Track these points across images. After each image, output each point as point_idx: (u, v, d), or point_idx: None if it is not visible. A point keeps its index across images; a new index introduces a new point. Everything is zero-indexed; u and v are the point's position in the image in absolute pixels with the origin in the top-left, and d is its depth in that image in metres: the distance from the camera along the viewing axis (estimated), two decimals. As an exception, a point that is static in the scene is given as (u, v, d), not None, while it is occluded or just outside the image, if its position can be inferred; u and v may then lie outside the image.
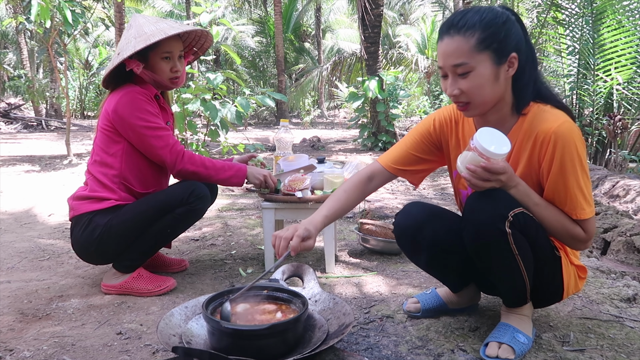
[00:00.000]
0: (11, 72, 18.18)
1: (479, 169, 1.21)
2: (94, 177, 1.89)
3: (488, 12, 1.26)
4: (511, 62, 1.27)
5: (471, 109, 1.31)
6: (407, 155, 1.54)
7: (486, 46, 1.24)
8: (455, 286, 1.63)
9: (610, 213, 3.03)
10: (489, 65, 1.25)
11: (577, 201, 1.27)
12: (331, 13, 23.10)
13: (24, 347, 1.47)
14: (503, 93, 1.31)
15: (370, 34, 7.65)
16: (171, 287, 1.93)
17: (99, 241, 1.81)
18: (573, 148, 1.25)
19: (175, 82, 1.97)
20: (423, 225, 1.49)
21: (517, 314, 1.44)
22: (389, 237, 2.37)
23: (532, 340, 1.42)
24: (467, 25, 1.24)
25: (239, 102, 5.35)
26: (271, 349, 1.24)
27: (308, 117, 15.72)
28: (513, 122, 1.36)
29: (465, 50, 1.24)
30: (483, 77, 1.25)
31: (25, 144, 9.02)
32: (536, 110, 1.33)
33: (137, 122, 1.83)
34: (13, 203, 3.80)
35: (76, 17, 5.50)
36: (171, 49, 1.92)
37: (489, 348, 1.36)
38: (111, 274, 1.91)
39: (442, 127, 1.52)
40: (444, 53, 1.27)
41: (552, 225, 1.30)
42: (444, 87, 1.33)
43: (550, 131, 1.26)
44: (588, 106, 6.31)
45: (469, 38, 1.24)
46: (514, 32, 1.27)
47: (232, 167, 1.96)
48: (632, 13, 5.89)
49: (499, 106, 1.34)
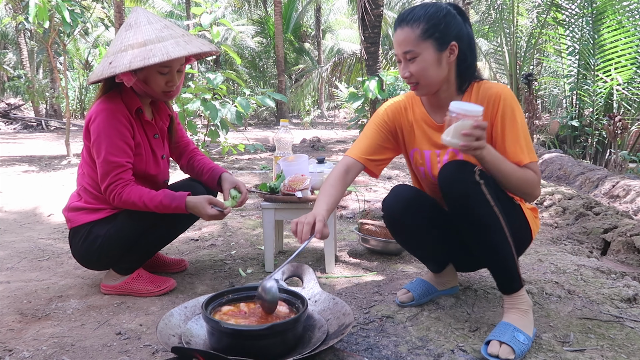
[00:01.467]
0: (11, 72, 18.19)
1: (475, 130, 1.31)
2: (86, 189, 1.85)
3: (431, 7, 1.49)
4: (452, 49, 1.49)
5: (420, 88, 1.54)
6: (372, 145, 1.69)
7: (429, 35, 1.46)
8: (437, 267, 1.77)
9: (611, 213, 3.03)
10: (432, 51, 1.47)
11: (522, 149, 1.46)
12: (331, 13, 23.11)
13: (23, 347, 1.47)
14: (447, 75, 1.53)
15: (370, 34, 7.65)
16: (171, 287, 1.92)
17: (100, 251, 1.81)
18: (515, 105, 1.50)
19: (168, 95, 1.85)
20: (410, 204, 1.63)
21: (517, 308, 1.47)
22: (389, 237, 2.37)
23: (532, 340, 1.44)
24: (413, 18, 1.47)
25: (239, 103, 5.35)
26: (271, 349, 1.24)
27: (308, 117, 15.73)
28: (459, 99, 1.58)
29: (412, 39, 1.47)
30: (427, 62, 1.48)
31: (25, 144, 9.03)
32: (477, 85, 1.56)
33: (102, 144, 1.73)
34: (13, 203, 3.80)
35: (75, 17, 5.50)
36: (171, 63, 1.76)
37: (490, 346, 1.39)
38: (110, 275, 1.91)
39: (395, 115, 1.70)
40: (396, 42, 1.51)
41: (518, 172, 1.44)
42: (399, 71, 1.55)
43: (498, 93, 1.50)
44: (588, 106, 6.32)
45: (415, 29, 1.47)
46: (454, 24, 1.49)
47: (169, 205, 1.74)
48: (632, 13, 5.90)
49: (446, 86, 1.56)
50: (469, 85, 1.57)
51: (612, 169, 5.35)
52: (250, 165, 6.10)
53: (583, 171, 4.58)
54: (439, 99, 1.59)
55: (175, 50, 1.70)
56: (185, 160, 2.11)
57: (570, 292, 1.86)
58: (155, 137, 1.93)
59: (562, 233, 2.95)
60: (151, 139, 1.92)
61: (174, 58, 1.69)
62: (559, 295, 1.83)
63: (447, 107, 1.46)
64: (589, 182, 4.30)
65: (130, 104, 1.82)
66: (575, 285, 1.92)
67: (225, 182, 1.97)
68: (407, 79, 1.52)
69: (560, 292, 1.85)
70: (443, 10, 1.49)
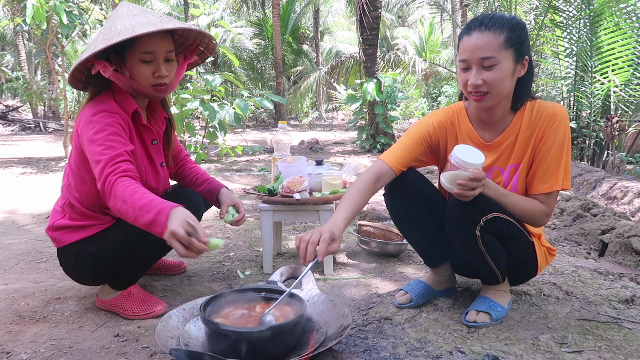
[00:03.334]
0: (9, 74, 18.13)
1: (470, 182, 1.36)
2: (71, 205, 1.68)
3: (513, 17, 1.46)
4: (524, 63, 1.48)
5: (487, 99, 1.47)
6: (410, 157, 1.65)
7: (511, 44, 1.42)
8: (434, 261, 1.79)
9: (608, 215, 3.04)
10: (511, 61, 1.43)
11: (566, 173, 1.51)
12: (329, 15, 23.15)
13: (20, 349, 1.47)
14: (512, 90, 1.50)
15: (368, 36, 7.66)
16: (158, 312, 1.72)
17: (94, 269, 1.69)
18: (568, 129, 1.52)
19: (158, 90, 1.63)
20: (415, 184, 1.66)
21: (494, 289, 1.66)
22: (387, 239, 2.37)
23: (506, 310, 1.64)
24: (496, 24, 1.42)
25: (237, 104, 5.35)
26: (269, 351, 1.24)
27: (306, 119, 15.74)
28: (511, 118, 1.57)
29: (494, 45, 1.41)
30: (505, 71, 1.43)
31: (23, 146, 9.01)
32: (531, 104, 1.56)
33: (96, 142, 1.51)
34: (10, 205, 3.79)
35: (72, 19, 5.50)
36: (152, 48, 1.56)
37: (468, 315, 1.59)
38: (105, 290, 1.79)
39: (441, 130, 1.67)
40: (474, 46, 1.42)
41: (519, 207, 1.50)
42: (463, 79, 1.48)
43: (556, 113, 1.51)
44: (585, 108, 6.33)
45: (499, 35, 1.41)
46: (528, 39, 1.48)
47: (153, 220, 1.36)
48: (630, 15, 5.92)
49: (505, 101, 1.53)
50: (522, 103, 1.55)
51: (610, 170, 5.37)
52: (248, 167, 6.10)
53: (581, 172, 4.59)
54: (491, 116, 1.57)
55: (143, 28, 1.49)
56: (175, 169, 1.98)
57: (568, 293, 1.86)
58: (154, 143, 1.76)
59: (560, 234, 2.95)
60: (149, 146, 1.74)
61: (139, 34, 1.48)
62: (557, 296, 1.83)
63: (497, 125, 1.58)
64: (587, 183, 4.31)
65: (125, 105, 1.64)
66: (573, 287, 1.93)
67: (224, 198, 1.87)
68: (476, 87, 1.45)
69: (558, 294, 1.85)
70: (522, 22, 1.46)
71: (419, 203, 1.66)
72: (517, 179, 1.58)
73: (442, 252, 1.77)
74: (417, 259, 2.38)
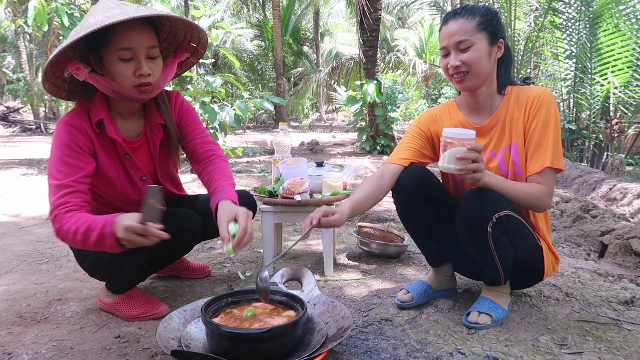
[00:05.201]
0: (10, 75, 18.16)
1: (470, 153, 1.36)
2: None
3: (484, 6, 1.61)
4: (499, 46, 1.58)
5: (468, 79, 1.56)
6: (410, 150, 1.73)
7: (484, 27, 1.54)
8: (436, 260, 1.82)
9: (608, 216, 3.04)
10: (485, 42, 1.54)
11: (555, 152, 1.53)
12: (329, 17, 23.17)
13: (22, 350, 1.47)
14: (491, 71, 1.59)
15: (368, 38, 7.67)
16: (159, 314, 1.70)
17: (91, 268, 1.73)
18: (553, 109, 1.56)
19: (143, 91, 1.46)
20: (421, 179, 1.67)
21: (495, 290, 1.68)
22: (387, 240, 2.38)
23: (507, 312, 1.65)
24: (469, 11, 1.56)
25: (238, 106, 5.35)
26: (270, 352, 1.24)
27: (307, 120, 15.75)
28: (499, 100, 1.64)
29: (468, 29, 1.53)
30: (481, 51, 1.53)
31: (24, 147, 9.02)
32: (516, 89, 1.63)
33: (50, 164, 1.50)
34: (12, 206, 3.80)
35: (74, 21, 5.52)
36: (131, 43, 1.40)
37: (470, 316, 1.60)
38: (105, 291, 1.79)
39: (429, 122, 1.76)
40: (450, 33, 1.55)
41: (521, 190, 1.51)
42: (444, 65, 1.59)
43: (539, 95, 1.57)
44: (585, 109, 6.34)
45: (471, 20, 1.54)
46: (502, 25, 1.60)
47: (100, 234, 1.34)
48: (629, 17, 5.93)
49: (487, 85, 1.61)
50: (507, 84, 1.64)
51: (609, 171, 5.37)
52: (248, 168, 6.10)
53: (580, 174, 4.60)
54: (478, 101, 1.64)
55: (114, 19, 1.33)
56: (198, 172, 1.73)
57: (568, 294, 1.86)
58: (127, 158, 1.60)
59: (559, 236, 2.95)
60: (123, 159, 1.60)
61: (108, 24, 1.32)
62: (556, 297, 1.83)
63: (485, 109, 1.65)
64: (586, 185, 4.31)
65: (94, 114, 1.51)
66: (573, 288, 1.93)
67: (221, 216, 1.45)
68: (456, 69, 1.55)
69: (558, 295, 1.86)
70: (494, 10, 1.60)
71: (425, 200, 1.67)
72: (517, 156, 1.59)
73: (445, 251, 1.80)
74: (417, 261, 2.38)
